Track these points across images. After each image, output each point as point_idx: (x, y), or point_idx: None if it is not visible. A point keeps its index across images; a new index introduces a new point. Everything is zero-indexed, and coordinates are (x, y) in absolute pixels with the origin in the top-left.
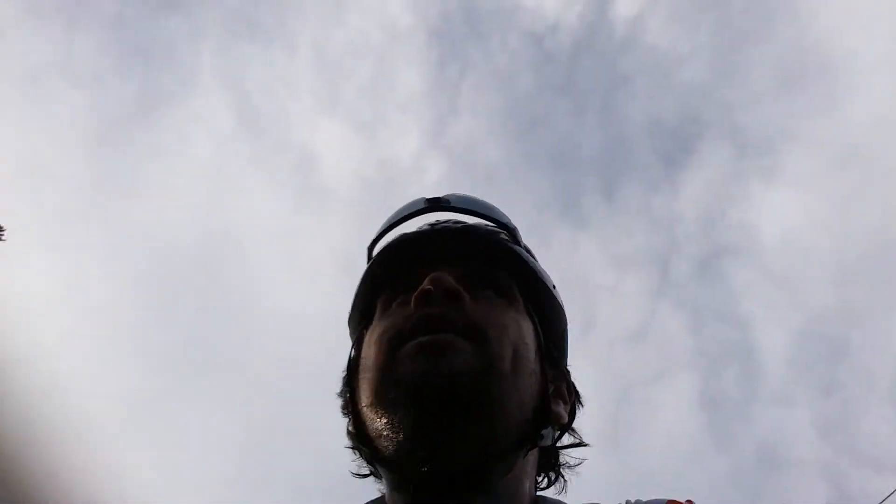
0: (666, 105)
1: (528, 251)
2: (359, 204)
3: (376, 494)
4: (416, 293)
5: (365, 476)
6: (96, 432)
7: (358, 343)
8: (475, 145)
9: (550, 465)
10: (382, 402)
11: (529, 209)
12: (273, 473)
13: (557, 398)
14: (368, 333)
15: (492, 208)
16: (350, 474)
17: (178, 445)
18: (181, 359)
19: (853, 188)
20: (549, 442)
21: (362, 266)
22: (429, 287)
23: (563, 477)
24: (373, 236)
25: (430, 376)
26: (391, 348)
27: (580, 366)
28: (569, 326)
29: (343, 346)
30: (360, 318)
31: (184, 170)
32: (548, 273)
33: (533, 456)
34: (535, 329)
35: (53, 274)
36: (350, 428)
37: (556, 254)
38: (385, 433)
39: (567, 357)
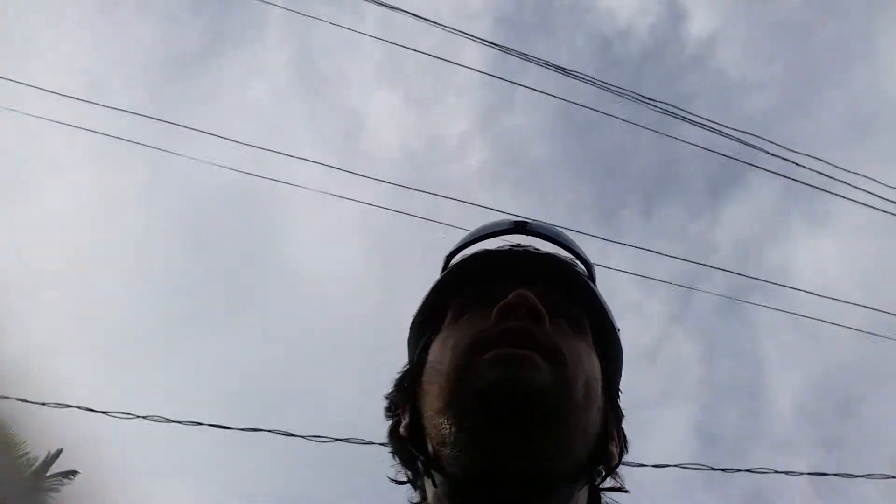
0: (724, 131)
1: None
2: (398, 177)
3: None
4: (499, 305)
5: (402, 483)
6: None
7: (425, 347)
8: (524, 139)
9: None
10: (454, 407)
11: (567, 210)
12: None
13: (612, 439)
14: (439, 340)
15: (573, 242)
16: (388, 480)
17: (177, 381)
18: (198, 296)
19: None
20: (597, 482)
21: (392, 239)
22: (515, 301)
23: None
24: (452, 247)
25: (509, 386)
26: (470, 355)
27: None
28: None
29: (360, 312)
30: (428, 323)
31: (236, 115)
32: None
33: (584, 494)
34: (602, 367)
35: (88, 194)
36: (402, 431)
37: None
38: (451, 439)
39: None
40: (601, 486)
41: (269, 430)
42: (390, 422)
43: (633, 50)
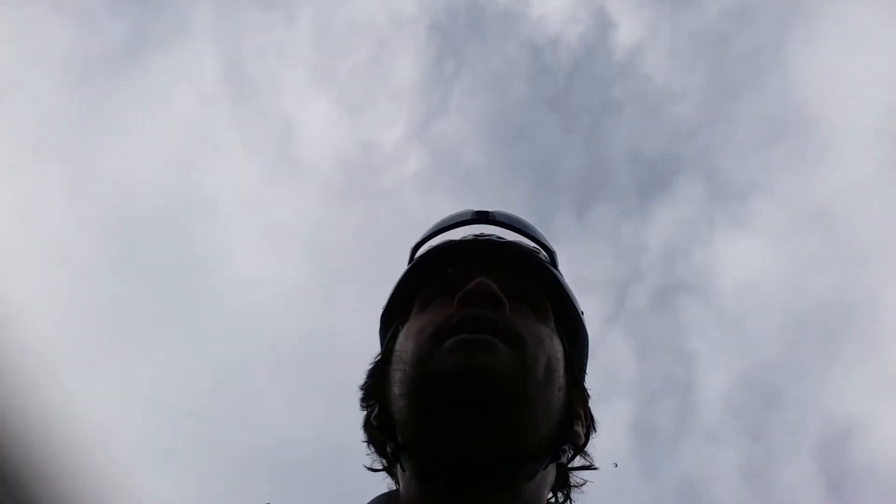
0: (651, 137)
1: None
2: (334, 181)
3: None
4: (460, 294)
5: (377, 471)
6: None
7: (393, 337)
8: (459, 144)
9: (561, 483)
10: (417, 394)
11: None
12: (213, 443)
13: (578, 419)
14: (405, 328)
15: (535, 230)
16: (364, 468)
17: (119, 400)
18: (133, 308)
19: (813, 249)
20: (565, 460)
21: (327, 242)
22: (474, 289)
23: (570, 499)
24: (417, 239)
25: (468, 371)
26: (431, 343)
27: None
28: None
29: (297, 316)
30: (396, 313)
31: (163, 119)
32: (577, 298)
33: (551, 471)
34: (564, 349)
35: (10, 198)
36: (373, 420)
37: None
38: (415, 424)
39: (585, 381)
40: (570, 465)
41: None
42: (365, 412)
43: (563, 58)
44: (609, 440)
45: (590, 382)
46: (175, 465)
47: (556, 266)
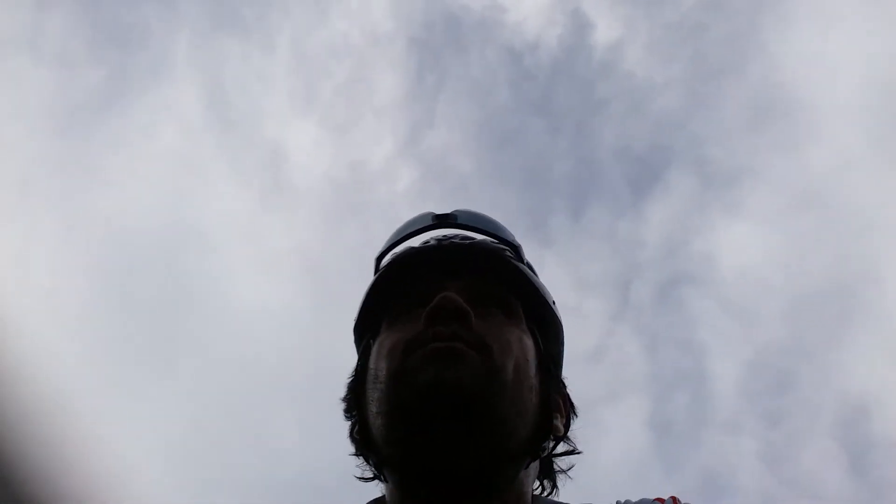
0: (638, 132)
1: (531, 267)
2: (326, 204)
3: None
4: (426, 311)
5: (369, 480)
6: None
7: (365, 351)
8: (447, 155)
9: (546, 472)
10: (392, 412)
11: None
12: (219, 471)
13: (556, 412)
14: (377, 343)
15: (497, 226)
16: (355, 478)
17: (126, 434)
18: (133, 348)
19: (810, 230)
20: (546, 453)
21: (324, 267)
22: (440, 304)
23: (555, 483)
24: (380, 249)
25: (443, 380)
26: (402, 361)
27: None
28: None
29: (298, 344)
30: (366, 328)
31: (149, 159)
32: (548, 289)
33: (534, 466)
34: (536, 345)
35: (4, 249)
36: (355, 434)
37: None
38: (394, 438)
39: (562, 370)
40: (553, 453)
41: None
42: (349, 423)
43: (544, 61)
44: (627, 437)
45: (601, 382)
46: (185, 493)
47: (521, 260)
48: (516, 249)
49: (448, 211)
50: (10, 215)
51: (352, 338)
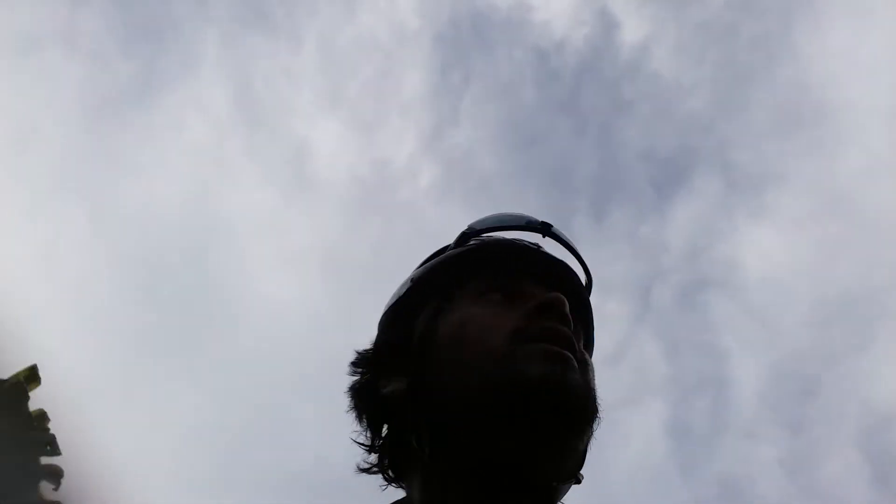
0: (663, 134)
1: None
2: (349, 201)
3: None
4: (540, 302)
5: (364, 445)
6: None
7: (434, 316)
8: (471, 154)
9: None
10: (496, 391)
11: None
12: (244, 464)
13: None
14: (457, 314)
15: (583, 256)
16: (356, 470)
17: (149, 428)
18: (160, 339)
19: (837, 235)
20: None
21: (346, 262)
22: (554, 302)
23: None
24: (474, 226)
25: (563, 382)
26: (512, 343)
27: None
28: None
29: (319, 339)
30: (433, 291)
31: (177, 152)
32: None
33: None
34: None
35: (34, 242)
36: (390, 394)
37: None
38: (484, 421)
39: None
40: None
41: None
42: (356, 377)
43: (570, 61)
44: (646, 440)
45: (621, 386)
46: (208, 488)
47: (590, 294)
48: (590, 284)
49: (549, 222)
50: (43, 206)
51: (377, 319)
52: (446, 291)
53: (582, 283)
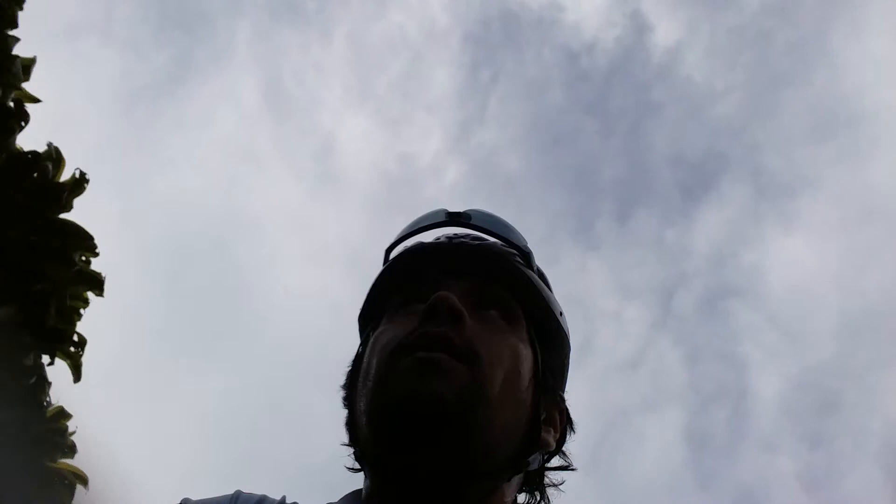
0: (693, 138)
1: (542, 275)
2: (374, 197)
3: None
4: (423, 309)
5: (358, 471)
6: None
7: (365, 343)
8: (497, 153)
9: (534, 484)
10: (374, 412)
11: (542, 224)
12: (263, 453)
13: (548, 426)
14: (374, 337)
15: (510, 229)
16: (346, 468)
17: (170, 417)
18: (182, 329)
19: (868, 246)
20: (535, 466)
21: (370, 257)
22: (434, 304)
23: (546, 497)
24: (391, 240)
25: (419, 397)
26: (392, 360)
27: (572, 387)
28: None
29: (343, 334)
30: (369, 318)
31: (207, 144)
32: (556, 299)
33: (516, 479)
34: (535, 356)
35: None
36: (345, 425)
37: (563, 272)
38: (373, 436)
39: (565, 383)
40: (545, 467)
41: None
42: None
43: (600, 62)
44: (662, 447)
45: (638, 391)
46: (228, 479)
47: (531, 266)
48: (527, 256)
49: (463, 210)
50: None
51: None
52: (377, 315)
53: (509, 259)
